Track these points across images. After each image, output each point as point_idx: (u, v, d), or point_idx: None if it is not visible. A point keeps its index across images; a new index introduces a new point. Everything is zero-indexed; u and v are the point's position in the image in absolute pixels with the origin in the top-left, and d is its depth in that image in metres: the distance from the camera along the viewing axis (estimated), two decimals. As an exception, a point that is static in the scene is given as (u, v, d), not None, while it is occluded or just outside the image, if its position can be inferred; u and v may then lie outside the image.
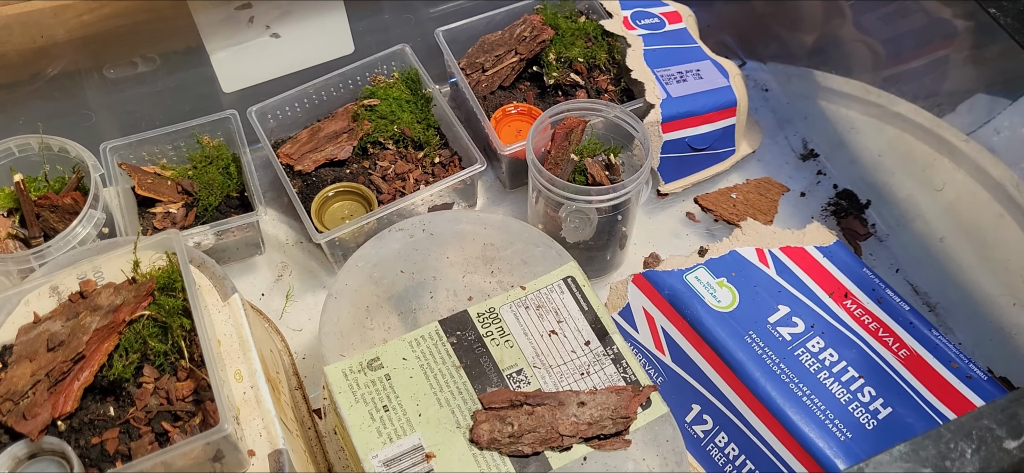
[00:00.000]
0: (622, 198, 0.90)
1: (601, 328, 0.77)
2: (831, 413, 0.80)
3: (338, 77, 1.08)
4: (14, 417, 0.67)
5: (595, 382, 0.74)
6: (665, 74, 1.05)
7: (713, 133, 1.05)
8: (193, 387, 0.70)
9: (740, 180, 1.11)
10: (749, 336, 0.84)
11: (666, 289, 0.89)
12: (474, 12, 1.13)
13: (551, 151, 0.95)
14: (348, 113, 1.07)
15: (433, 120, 1.08)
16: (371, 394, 0.73)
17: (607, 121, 0.96)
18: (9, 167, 0.95)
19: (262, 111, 1.05)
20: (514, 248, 0.83)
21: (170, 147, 1.03)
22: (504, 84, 1.10)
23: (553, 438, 0.70)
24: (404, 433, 0.71)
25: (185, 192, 1.01)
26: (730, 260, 0.92)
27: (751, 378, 0.82)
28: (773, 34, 1.24)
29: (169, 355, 0.71)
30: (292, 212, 1.09)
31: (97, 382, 0.69)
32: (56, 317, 0.73)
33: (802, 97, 1.19)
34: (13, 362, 0.70)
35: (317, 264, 1.05)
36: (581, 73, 1.10)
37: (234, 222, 0.97)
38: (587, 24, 1.12)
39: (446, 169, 1.05)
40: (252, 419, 0.71)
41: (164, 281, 0.73)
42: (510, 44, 1.10)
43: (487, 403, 0.72)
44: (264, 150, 1.04)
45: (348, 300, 0.79)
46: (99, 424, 0.69)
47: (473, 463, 0.69)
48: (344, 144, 1.04)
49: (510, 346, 0.76)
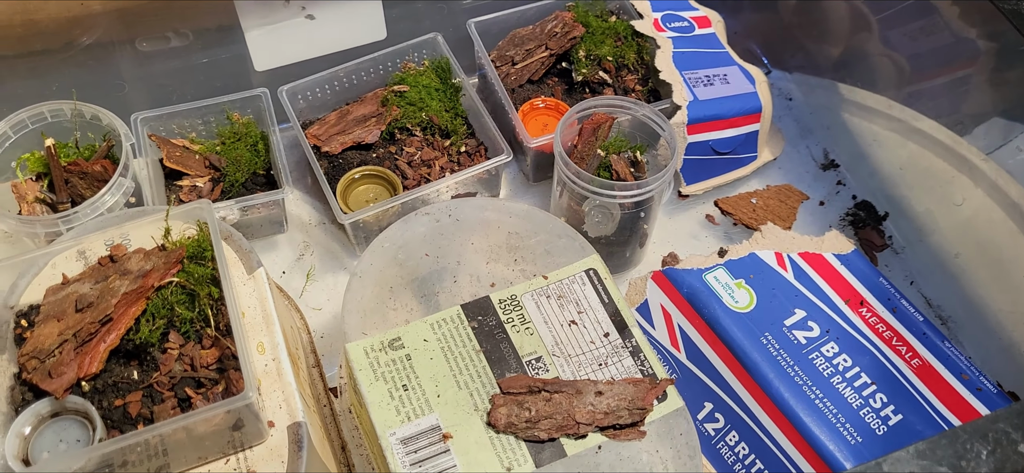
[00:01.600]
0: (646, 195, 0.91)
1: (620, 321, 0.78)
2: (842, 417, 0.81)
3: (369, 62, 1.10)
4: (40, 375, 0.68)
5: (613, 373, 0.75)
6: (693, 77, 1.06)
7: (737, 138, 1.06)
8: (217, 355, 0.71)
9: (760, 186, 1.12)
10: (765, 337, 0.85)
11: (685, 287, 0.90)
12: (506, 5, 1.14)
13: (578, 145, 0.96)
14: (377, 98, 1.08)
15: (461, 109, 1.09)
16: (391, 373, 0.74)
17: (634, 119, 0.97)
18: (41, 132, 0.97)
19: (293, 91, 1.06)
20: (538, 238, 0.84)
21: (200, 122, 1.05)
22: (533, 78, 1.11)
23: (569, 425, 0.71)
24: (422, 413, 0.72)
25: (212, 167, 1.02)
26: (749, 262, 0.93)
27: (765, 379, 0.83)
28: (799, 44, 1.25)
29: (195, 323, 0.72)
30: (316, 193, 1.10)
31: (123, 345, 0.71)
32: (85, 279, 0.74)
33: (825, 108, 1.20)
34: (40, 321, 0.71)
35: (339, 245, 1.06)
36: (609, 72, 1.11)
37: (259, 199, 0.98)
38: (618, 24, 1.13)
39: (471, 159, 1.06)
40: (273, 391, 0.73)
41: (193, 250, 0.74)
42: (541, 39, 1.11)
43: (505, 388, 0.73)
44: (293, 130, 1.05)
45: (372, 280, 0.81)
46: (123, 387, 0.70)
47: (489, 446, 0.70)
48: (372, 128, 1.05)
49: (530, 333, 0.77)
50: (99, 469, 0.65)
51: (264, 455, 0.70)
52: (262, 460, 0.69)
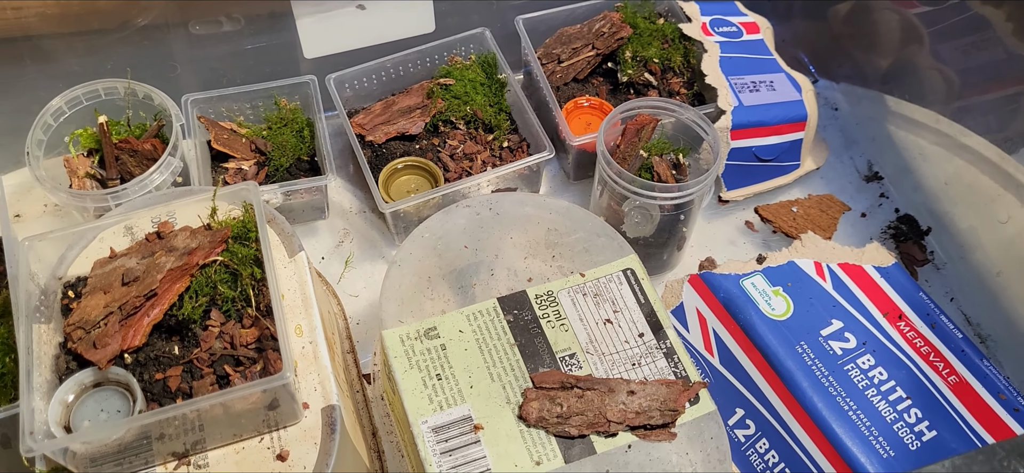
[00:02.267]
0: (686, 198, 0.91)
1: (656, 322, 0.78)
2: (876, 430, 0.80)
3: (416, 54, 1.11)
4: (84, 345, 0.70)
5: (646, 373, 0.75)
6: (739, 82, 1.05)
7: (780, 145, 1.06)
8: (256, 335, 0.73)
9: (802, 195, 1.12)
10: (800, 346, 0.85)
11: (722, 292, 0.90)
12: (555, 3, 1.15)
13: (620, 145, 0.96)
14: (423, 90, 1.09)
15: (505, 105, 1.10)
16: (426, 362, 0.75)
17: (678, 122, 0.97)
18: (94, 109, 0.99)
19: (340, 79, 1.08)
20: (577, 235, 0.84)
21: (248, 105, 1.06)
22: (578, 77, 1.11)
23: (600, 423, 0.71)
24: (455, 403, 0.73)
25: (258, 151, 1.04)
26: (787, 270, 0.93)
27: (799, 388, 0.82)
28: (847, 55, 1.24)
29: (236, 302, 0.74)
30: (357, 181, 1.11)
31: (165, 320, 0.72)
32: (132, 254, 0.75)
33: (871, 119, 1.19)
34: (87, 293, 0.73)
35: (378, 234, 1.07)
36: (655, 74, 1.11)
37: (303, 184, 0.99)
38: (665, 26, 1.13)
39: (513, 154, 1.06)
40: (308, 373, 0.74)
41: (238, 230, 0.76)
42: (588, 38, 1.11)
43: (538, 382, 0.73)
44: (338, 118, 1.07)
45: (411, 269, 0.81)
46: (164, 361, 0.71)
47: (519, 438, 0.71)
48: (417, 119, 1.06)
49: (565, 330, 0.77)
50: (138, 440, 0.67)
51: (298, 436, 0.71)
52: (296, 441, 0.70)
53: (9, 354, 0.81)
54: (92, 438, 0.66)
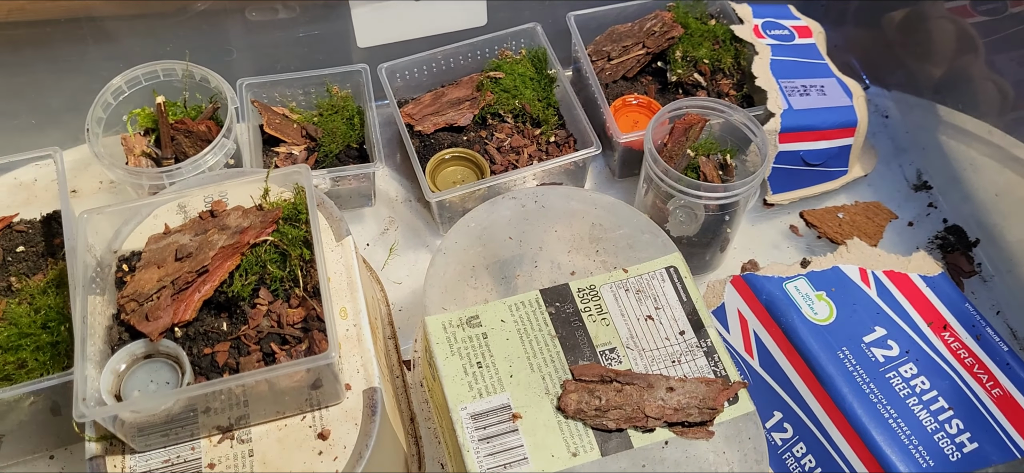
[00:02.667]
0: (731, 199, 0.91)
1: (697, 320, 0.78)
2: (916, 439, 0.80)
3: (468, 46, 1.12)
4: (137, 317, 0.72)
5: (685, 371, 0.75)
6: (789, 86, 1.05)
7: (829, 150, 1.05)
8: (303, 315, 0.74)
9: (848, 201, 1.11)
10: (842, 352, 0.85)
11: (764, 294, 0.89)
12: (607, 1, 1.15)
13: (668, 144, 0.96)
14: (473, 82, 1.10)
15: (554, 100, 1.11)
16: (467, 349, 0.76)
17: (726, 123, 0.97)
18: (152, 89, 1.01)
19: (392, 69, 1.09)
20: (621, 231, 0.85)
21: (301, 92, 1.08)
22: (627, 75, 1.12)
23: (638, 417, 0.72)
24: (494, 391, 0.74)
25: (309, 137, 1.06)
26: (831, 275, 0.92)
27: (839, 393, 0.82)
28: (900, 62, 1.23)
29: (285, 282, 0.75)
30: (404, 170, 1.12)
31: (215, 297, 0.74)
32: (186, 231, 0.77)
33: (922, 128, 1.18)
34: (141, 267, 0.75)
35: (422, 223, 1.08)
36: (704, 74, 1.11)
37: (351, 171, 1.01)
38: (717, 27, 1.13)
39: (560, 149, 1.07)
40: (352, 356, 0.75)
41: (288, 212, 0.77)
42: (638, 36, 1.12)
43: (578, 374, 0.74)
44: (388, 107, 1.08)
45: (455, 257, 0.82)
46: (213, 336, 0.73)
47: (557, 429, 0.72)
48: (465, 111, 1.07)
49: (606, 324, 0.78)
50: (185, 412, 0.68)
51: (339, 416, 0.72)
52: (337, 421, 0.72)
53: (64, 323, 0.84)
54: (142, 407, 0.67)
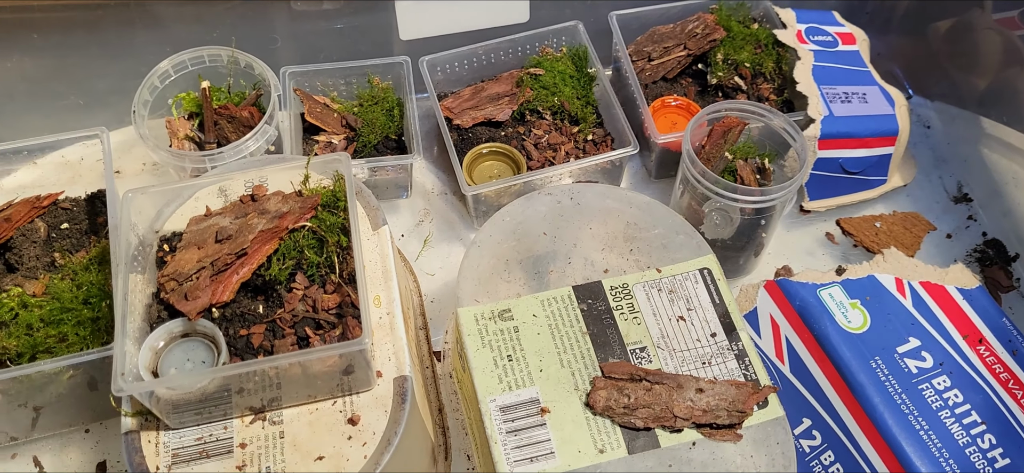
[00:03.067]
0: (768, 204, 0.91)
1: (729, 323, 0.78)
2: (947, 452, 0.79)
3: (508, 42, 1.13)
4: (176, 296, 0.73)
5: (715, 373, 0.75)
6: (830, 92, 1.04)
7: (868, 159, 1.04)
8: (338, 301, 0.75)
9: (886, 211, 1.10)
10: (874, 361, 0.84)
11: (797, 300, 0.89)
12: (650, 1, 1.15)
13: (706, 146, 0.96)
14: (512, 78, 1.11)
15: (593, 99, 1.11)
16: (498, 342, 0.77)
17: (766, 128, 0.97)
18: (198, 74, 1.03)
19: (433, 62, 1.10)
20: (656, 231, 0.85)
21: (342, 82, 1.09)
22: (668, 76, 1.12)
23: (666, 417, 0.72)
24: (523, 384, 0.74)
25: (348, 126, 1.07)
26: (867, 284, 0.91)
27: (870, 403, 0.81)
28: (945, 73, 1.21)
29: (321, 267, 0.76)
30: (441, 164, 1.13)
31: (253, 279, 0.75)
32: (226, 213, 0.79)
33: (964, 140, 1.16)
34: (181, 247, 0.76)
35: (457, 217, 1.09)
36: (745, 78, 1.10)
37: (389, 162, 1.02)
38: (759, 31, 1.13)
39: (597, 148, 1.07)
40: (384, 343, 0.76)
41: (327, 199, 0.78)
42: (680, 38, 1.12)
43: (607, 372, 0.74)
44: (428, 100, 1.09)
45: (490, 251, 0.83)
46: (249, 318, 0.74)
47: (585, 425, 0.72)
48: (504, 107, 1.08)
49: (637, 323, 0.78)
50: (219, 391, 0.69)
51: (369, 402, 0.73)
52: (367, 407, 0.73)
53: (105, 300, 0.86)
54: (178, 384, 0.69)
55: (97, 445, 0.90)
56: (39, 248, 0.92)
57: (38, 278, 0.90)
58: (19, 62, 1.06)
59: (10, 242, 0.91)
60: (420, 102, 1.12)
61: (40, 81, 1.09)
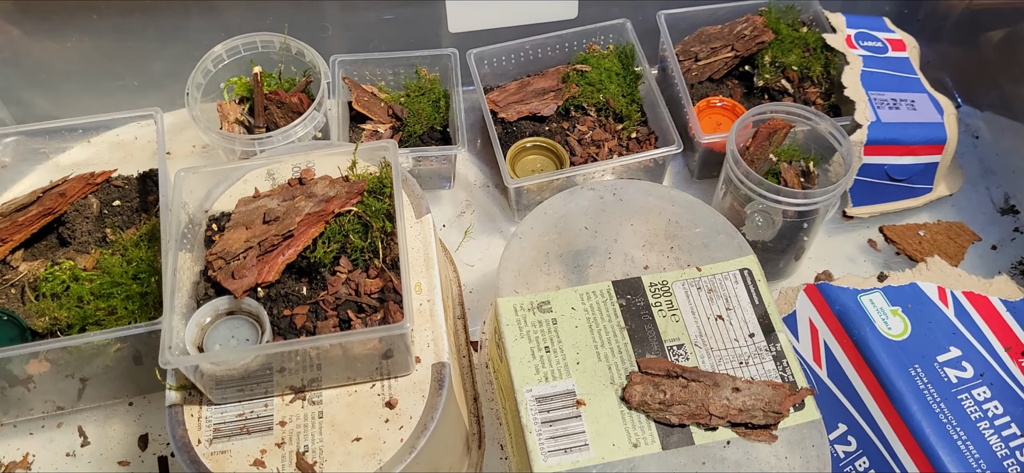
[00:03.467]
0: (811, 207, 0.90)
1: (768, 324, 0.78)
2: (984, 464, 0.78)
3: (556, 38, 1.13)
4: (224, 274, 0.75)
5: (753, 373, 0.75)
6: (878, 98, 1.04)
7: (914, 167, 1.03)
8: (380, 286, 0.76)
9: (930, 219, 1.09)
10: (914, 369, 0.83)
11: (837, 305, 0.89)
12: (699, 1, 1.15)
13: (751, 147, 0.96)
14: (558, 74, 1.11)
15: (638, 96, 1.11)
16: (536, 333, 0.77)
17: (811, 131, 0.96)
18: (250, 59, 1.05)
19: (480, 55, 1.11)
20: (697, 230, 0.85)
21: (390, 72, 1.11)
22: (714, 77, 1.12)
23: (702, 415, 0.72)
24: (560, 376, 0.75)
25: (394, 116, 1.08)
26: (908, 291, 0.91)
27: (908, 411, 0.81)
28: (995, 83, 1.20)
29: (365, 252, 0.77)
30: (484, 156, 1.14)
31: (298, 261, 0.76)
32: (274, 195, 0.80)
33: (1013, 151, 1.15)
34: (230, 227, 0.78)
35: (498, 209, 1.10)
36: (792, 81, 1.10)
37: (433, 152, 1.03)
38: (808, 35, 1.12)
39: (641, 146, 1.08)
40: (423, 330, 0.77)
41: (373, 185, 0.79)
42: (728, 39, 1.11)
43: (644, 367, 0.75)
44: (474, 92, 1.10)
45: (531, 243, 0.84)
46: (293, 299, 0.75)
47: (619, 419, 0.72)
48: (549, 102, 1.08)
49: (676, 320, 0.78)
50: (261, 369, 0.71)
51: (407, 387, 0.74)
52: (405, 391, 0.74)
53: (153, 276, 0.88)
54: (222, 360, 0.70)
55: (140, 418, 0.92)
56: (91, 223, 0.94)
57: (89, 253, 0.92)
58: (78, 42, 1.09)
59: (64, 217, 0.94)
60: (466, 95, 1.13)
61: (98, 61, 1.12)
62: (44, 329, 0.86)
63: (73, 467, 0.89)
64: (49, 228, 0.95)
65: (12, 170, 1.04)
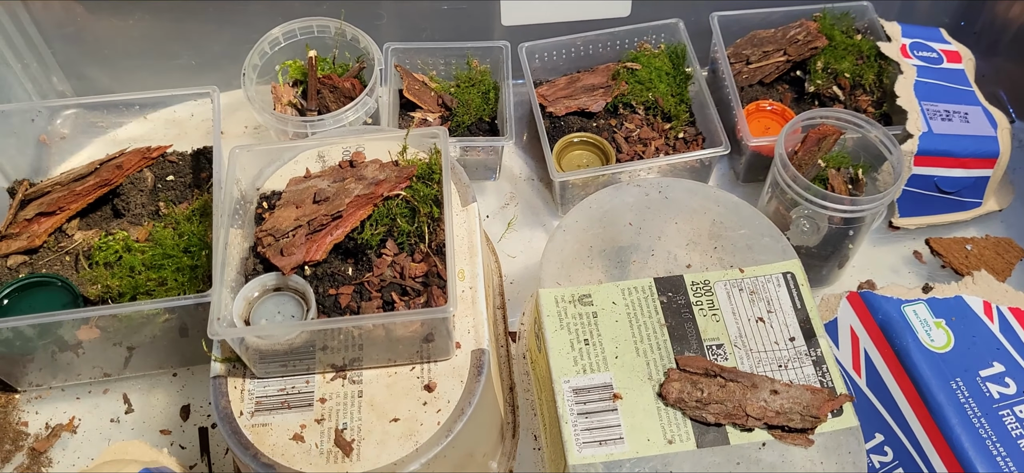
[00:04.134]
0: (858, 214, 0.90)
1: (809, 329, 0.78)
2: (1024, 482, 0.77)
3: (607, 35, 1.14)
4: (272, 251, 0.76)
5: (792, 377, 0.75)
6: (931, 109, 1.03)
7: (965, 180, 1.02)
8: (425, 270, 0.77)
9: (978, 234, 1.07)
10: (955, 382, 0.83)
11: (880, 314, 0.88)
12: (753, 4, 1.15)
13: (799, 152, 0.95)
14: (608, 71, 1.12)
15: (687, 97, 1.11)
16: (576, 325, 0.78)
17: (862, 140, 0.96)
18: (306, 44, 1.07)
19: (531, 49, 1.12)
20: (742, 232, 0.85)
21: (442, 61, 1.12)
22: (764, 80, 1.11)
23: (738, 415, 0.72)
24: (598, 369, 0.75)
25: (444, 105, 1.09)
26: (953, 304, 0.90)
27: (947, 424, 0.80)
28: (1052, 100, 1.18)
29: (411, 236, 0.78)
30: (530, 150, 1.15)
31: (345, 242, 0.78)
32: (325, 176, 0.82)
33: (1068, 170, 1.13)
34: (280, 205, 0.79)
35: (541, 203, 1.10)
36: (844, 88, 1.09)
37: (481, 142, 1.04)
38: (862, 42, 1.11)
39: (688, 146, 1.08)
40: (465, 316, 0.78)
41: (422, 171, 0.80)
42: (780, 43, 1.11)
43: (683, 365, 0.75)
44: (523, 86, 1.11)
45: (574, 236, 0.84)
46: (338, 278, 0.77)
47: (655, 415, 0.73)
48: (598, 98, 1.09)
49: (716, 320, 0.78)
50: (305, 346, 0.72)
51: (446, 371, 0.75)
52: (444, 376, 0.75)
53: (204, 250, 0.90)
54: (268, 334, 0.72)
55: (183, 389, 0.94)
56: (145, 196, 0.97)
57: (142, 225, 0.94)
58: (140, 21, 1.12)
59: (119, 189, 0.96)
60: (515, 88, 1.14)
61: (157, 40, 1.14)
62: (96, 297, 0.89)
63: (117, 433, 0.91)
64: (104, 199, 0.97)
65: (70, 142, 1.07)
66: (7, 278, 0.91)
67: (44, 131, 1.05)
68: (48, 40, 1.12)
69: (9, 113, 1.00)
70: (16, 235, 0.93)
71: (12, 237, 0.93)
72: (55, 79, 1.16)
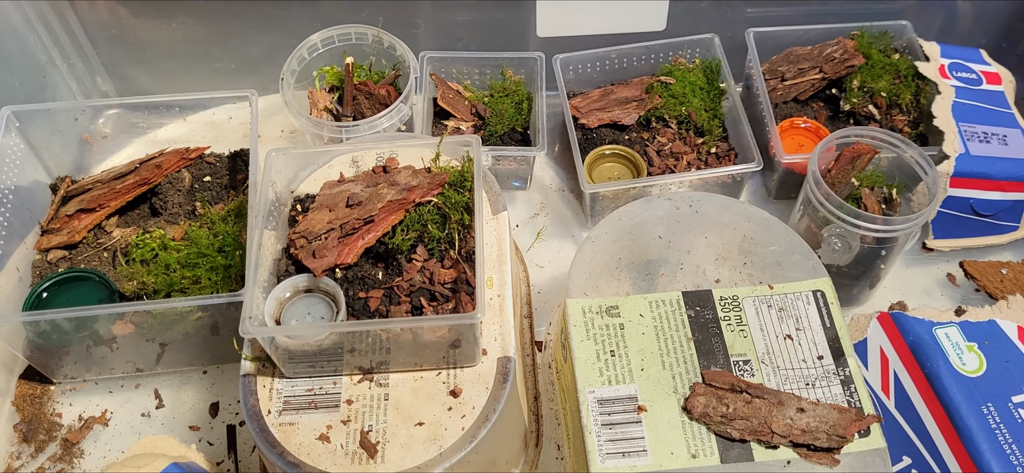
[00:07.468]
0: (891, 234, 0.89)
1: (838, 348, 0.78)
2: (1054, 510, 0.76)
3: (642, 49, 1.14)
4: (305, 253, 0.77)
5: (819, 396, 0.75)
6: (969, 130, 1.02)
7: (1002, 203, 1.01)
8: (454, 276, 0.78)
9: (1015, 258, 1.06)
10: (986, 407, 0.82)
11: (911, 335, 0.87)
12: (790, 21, 1.15)
13: (832, 169, 0.95)
14: (642, 84, 1.12)
15: (720, 112, 1.11)
16: (603, 336, 0.78)
17: (897, 159, 0.95)
18: (343, 50, 1.08)
19: (565, 61, 1.12)
20: (772, 248, 0.84)
21: (476, 71, 1.13)
22: (799, 98, 1.11)
23: (764, 432, 0.72)
24: (623, 381, 0.75)
25: (477, 115, 1.10)
26: (986, 328, 0.89)
27: (977, 450, 0.79)
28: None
29: (441, 243, 0.79)
30: (561, 161, 1.15)
31: (376, 246, 0.78)
32: (358, 181, 0.82)
33: (1108, 198, 1.11)
34: (314, 208, 0.81)
35: (571, 214, 1.11)
36: (880, 107, 1.08)
37: (513, 152, 1.04)
38: (900, 62, 1.10)
39: (720, 161, 1.07)
40: (492, 324, 0.78)
41: (454, 178, 0.81)
42: (817, 61, 1.11)
43: (709, 379, 0.75)
44: (556, 97, 1.11)
45: (603, 247, 0.84)
46: (368, 282, 0.78)
47: (680, 429, 0.73)
48: (631, 111, 1.09)
49: (744, 336, 0.78)
50: (333, 347, 0.73)
51: (471, 378, 0.76)
52: (469, 382, 0.75)
53: (238, 250, 0.91)
54: (298, 334, 0.73)
55: (212, 386, 0.96)
56: (182, 196, 0.98)
57: (179, 224, 0.96)
58: (182, 24, 1.13)
59: (158, 188, 0.98)
60: (549, 99, 1.14)
61: (198, 44, 1.16)
62: (131, 292, 0.91)
63: (147, 427, 0.93)
64: (143, 198, 0.99)
65: (111, 141, 1.10)
66: (47, 272, 0.93)
67: (87, 130, 1.08)
68: (93, 41, 1.14)
69: (54, 112, 1.03)
70: (57, 230, 0.95)
71: (53, 232, 0.96)
72: (99, 79, 1.18)
